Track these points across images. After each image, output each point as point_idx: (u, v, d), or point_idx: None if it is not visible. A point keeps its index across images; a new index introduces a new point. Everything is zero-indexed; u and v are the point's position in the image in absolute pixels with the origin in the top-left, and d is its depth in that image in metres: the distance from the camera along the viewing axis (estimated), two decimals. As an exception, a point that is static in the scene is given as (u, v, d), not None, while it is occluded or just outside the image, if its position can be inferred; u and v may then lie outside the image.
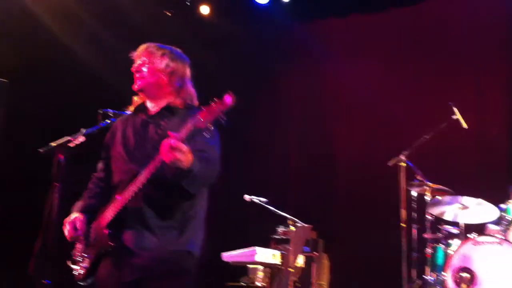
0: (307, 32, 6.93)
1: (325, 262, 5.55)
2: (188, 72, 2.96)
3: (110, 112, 3.09)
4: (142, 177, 2.66)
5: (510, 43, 6.33)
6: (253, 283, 5.07)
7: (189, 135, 2.52)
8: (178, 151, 2.48)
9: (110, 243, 2.73)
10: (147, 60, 2.88)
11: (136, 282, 2.71)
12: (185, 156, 2.51)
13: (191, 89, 2.94)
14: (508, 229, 5.20)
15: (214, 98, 2.49)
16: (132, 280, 2.71)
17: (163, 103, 2.88)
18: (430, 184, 5.52)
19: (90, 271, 2.84)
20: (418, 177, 5.56)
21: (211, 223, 3.00)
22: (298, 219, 5.16)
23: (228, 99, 2.47)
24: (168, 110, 2.87)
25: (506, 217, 5.29)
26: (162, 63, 2.87)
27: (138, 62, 2.90)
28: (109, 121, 3.09)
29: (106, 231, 2.75)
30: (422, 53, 6.54)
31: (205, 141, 2.69)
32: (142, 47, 2.94)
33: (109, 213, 2.75)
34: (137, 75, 2.89)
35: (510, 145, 6.24)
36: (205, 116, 2.47)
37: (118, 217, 2.73)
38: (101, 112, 3.10)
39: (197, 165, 2.57)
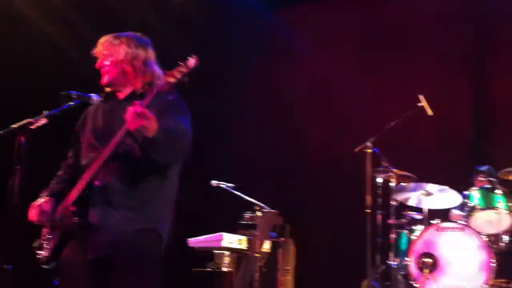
0: (277, 18, 6.91)
1: (291, 248, 5.58)
2: (150, 54, 2.95)
3: (74, 94, 3.03)
4: (107, 150, 2.64)
5: (475, 32, 6.43)
6: (220, 268, 5.07)
7: (154, 100, 2.54)
8: (143, 117, 2.48)
9: (74, 219, 2.69)
10: (107, 53, 2.90)
11: (101, 261, 2.68)
12: (150, 123, 2.50)
13: (157, 71, 2.92)
14: (470, 215, 5.32)
15: (179, 62, 2.51)
16: (96, 258, 2.68)
17: (131, 89, 2.90)
18: (395, 170, 5.60)
19: (54, 253, 2.82)
20: (384, 164, 5.63)
21: (178, 209, 2.98)
22: (264, 204, 5.17)
23: (192, 61, 2.49)
24: (136, 95, 2.85)
25: (468, 204, 5.42)
26: (122, 52, 2.88)
27: (100, 57, 2.93)
28: (72, 103, 3.04)
29: (72, 208, 2.72)
30: (389, 41, 6.58)
31: (175, 117, 2.72)
32: (100, 42, 2.96)
33: (75, 191, 2.73)
34: (102, 70, 2.92)
35: (474, 133, 6.36)
36: (169, 79, 2.49)
37: (84, 194, 2.71)
38: (64, 93, 3.04)
39: (164, 134, 2.57)
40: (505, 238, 5.31)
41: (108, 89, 2.98)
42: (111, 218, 2.71)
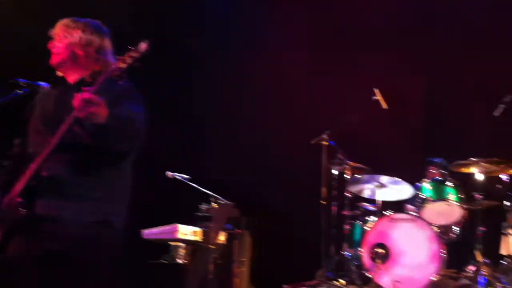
0: (228, 11, 6.85)
1: (247, 239, 5.58)
2: (106, 43, 2.89)
3: (22, 82, 2.96)
4: (55, 139, 2.56)
5: (426, 26, 6.54)
6: (174, 260, 5.02)
7: (104, 86, 2.50)
8: (91, 104, 2.42)
9: (21, 211, 2.60)
10: (62, 35, 2.85)
11: (49, 255, 2.59)
12: (99, 110, 2.45)
13: (110, 60, 2.85)
14: (422, 206, 5.44)
15: (129, 46, 2.48)
16: (44, 252, 2.60)
17: (81, 75, 2.83)
18: (350, 163, 5.68)
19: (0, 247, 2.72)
20: (339, 156, 5.70)
21: (133, 200, 2.93)
22: (220, 196, 5.15)
23: (143, 46, 2.47)
24: (85, 82, 2.78)
25: (420, 195, 5.55)
26: (75, 35, 2.83)
27: (54, 38, 2.87)
28: (21, 92, 2.96)
29: (18, 200, 2.62)
30: (345, 35, 6.63)
31: (126, 103, 2.67)
32: (58, 23, 2.90)
33: (22, 182, 2.64)
34: (53, 51, 2.86)
35: (426, 126, 6.48)
36: (119, 64, 2.46)
37: (32, 185, 2.62)
38: (12, 81, 2.95)
39: (114, 120, 2.52)
40: (455, 229, 5.45)
41: (58, 73, 2.90)
42: (59, 210, 2.62)
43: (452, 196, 5.47)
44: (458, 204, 5.40)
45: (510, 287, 4.96)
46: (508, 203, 5.28)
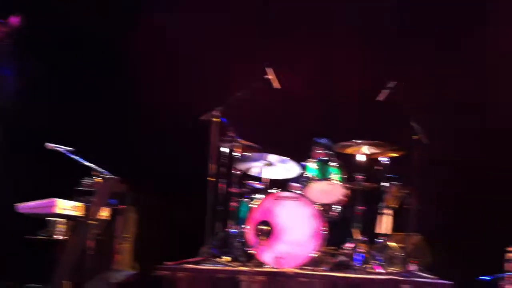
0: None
1: (132, 215, 5.46)
2: None
3: None
4: None
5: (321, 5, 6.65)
6: (52, 236, 4.80)
7: None
8: None
9: None
10: None
11: None
12: None
13: None
14: (306, 185, 5.58)
15: None
16: None
17: None
18: (241, 140, 5.70)
19: None
20: (230, 134, 5.69)
21: (11, 173, 2.75)
22: (106, 171, 4.97)
23: (14, 20, 2.30)
24: None
25: (305, 174, 5.69)
26: None
27: None
28: None
29: None
30: (242, 13, 6.60)
31: None
32: None
33: None
34: None
35: (315, 107, 6.63)
36: None
37: None
38: None
39: None
40: (337, 207, 5.64)
41: None
42: None
43: (335, 176, 5.66)
44: (340, 183, 5.59)
45: (384, 263, 5.23)
46: (386, 184, 5.54)
